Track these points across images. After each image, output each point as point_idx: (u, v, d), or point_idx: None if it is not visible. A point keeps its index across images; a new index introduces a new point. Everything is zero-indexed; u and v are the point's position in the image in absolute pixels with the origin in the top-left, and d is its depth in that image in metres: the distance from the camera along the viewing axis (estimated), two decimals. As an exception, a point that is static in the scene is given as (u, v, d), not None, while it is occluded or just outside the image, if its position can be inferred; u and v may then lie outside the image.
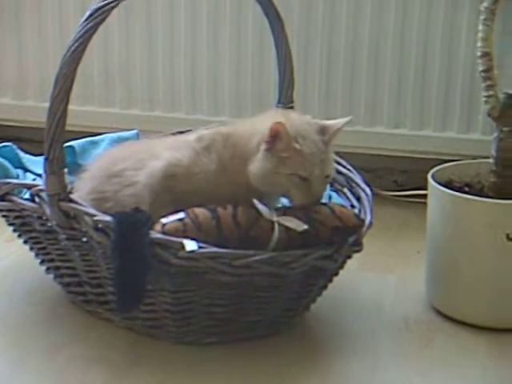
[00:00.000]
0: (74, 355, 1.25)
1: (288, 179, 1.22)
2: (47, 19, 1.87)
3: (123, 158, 1.31)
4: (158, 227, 1.20)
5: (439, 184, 1.36)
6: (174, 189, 1.25)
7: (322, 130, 1.27)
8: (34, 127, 1.81)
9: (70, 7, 1.86)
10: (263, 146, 1.22)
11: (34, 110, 1.88)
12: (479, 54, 1.35)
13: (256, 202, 1.23)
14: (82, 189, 1.31)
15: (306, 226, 1.21)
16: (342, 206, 1.30)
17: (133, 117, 1.87)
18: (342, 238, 1.24)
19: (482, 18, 1.36)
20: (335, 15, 1.76)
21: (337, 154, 1.47)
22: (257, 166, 1.23)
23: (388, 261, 1.57)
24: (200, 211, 1.22)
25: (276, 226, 1.21)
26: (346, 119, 1.29)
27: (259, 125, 1.26)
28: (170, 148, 1.28)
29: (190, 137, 1.30)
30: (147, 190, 1.25)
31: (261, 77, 1.81)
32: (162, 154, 1.28)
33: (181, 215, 1.21)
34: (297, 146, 1.21)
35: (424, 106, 1.77)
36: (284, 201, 1.32)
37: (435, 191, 1.36)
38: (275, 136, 1.21)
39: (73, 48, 1.16)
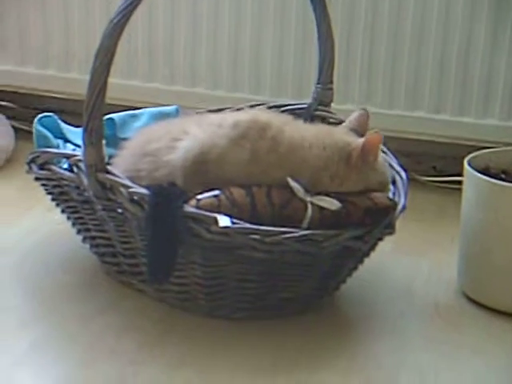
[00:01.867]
0: (107, 323, 1.28)
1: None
2: (94, -8, 1.90)
3: (158, 137, 1.32)
4: (193, 202, 1.21)
5: (476, 170, 1.35)
6: (205, 173, 1.25)
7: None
8: (78, 99, 1.83)
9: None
10: (358, 163, 1.26)
11: (78, 82, 1.90)
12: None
13: (290, 180, 1.24)
14: (118, 166, 1.32)
15: (339, 204, 1.22)
16: (375, 189, 1.31)
17: (174, 93, 1.89)
18: (375, 220, 1.25)
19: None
20: (379, -3, 1.75)
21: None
22: (355, 184, 1.27)
23: (422, 246, 1.57)
24: (235, 189, 1.23)
25: (309, 205, 1.22)
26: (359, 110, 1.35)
27: (316, 140, 1.28)
28: (205, 131, 1.28)
29: (227, 121, 1.28)
30: (180, 172, 1.26)
31: (302, 56, 1.81)
32: (196, 134, 1.28)
33: (216, 192, 1.23)
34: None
35: (466, 91, 1.76)
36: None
37: (471, 178, 1.35)
38: (370, 148, 1.26)
39: (114, 21, 1.17)
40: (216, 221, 1.18)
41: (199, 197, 1.22)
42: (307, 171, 1.25)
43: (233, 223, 1.18)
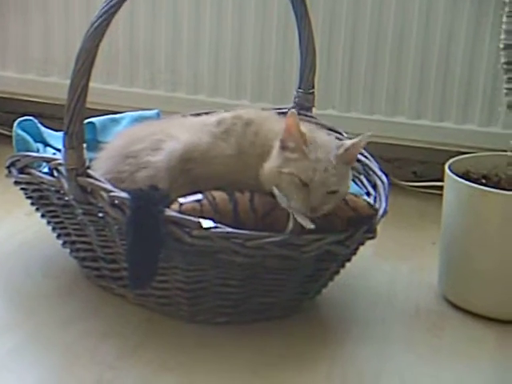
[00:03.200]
0: (87, 329, 1.27)
1: (290, 179, 1.20)
2: (74, -4, 1.89)
3: (140, 138, 1.31)
4: (175, 206, 1.21)
5: (456, 175, 1.36)
6: (190, 172, 1.25)
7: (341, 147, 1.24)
8: (57, 104, 1.83)
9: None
10: (278, 144, 1.22)
11: (57, 86, 1.90)
12: (502, 46, 1.35)
13: (275, 189, 1.23)
14: (99, 168, 1.31)
15: (312, 226, 1.18)
16: (356, 195, 1.30)
17: (155, 97, 1.89)
18: (357, 228, 1.24)
19: (506, 9, 1.35)
20: (360, 2, 1.76)
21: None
22: (268, 164, 1.22)
23: (402, 250, 1.58)
24: (218, 194, 1.23)
25: (292, 215, 1.22)
26: (366, 135, 1.23)
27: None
28: (188, 131, 1.28)
29: (210, 120, 1.30)
30: (165, 173, 1.26)
31: (283, 61, 1.82)
32: (179, 136, 1.28)
33: (199, 196, 1.22)
34: (304, 148, 1.20)
35: (446, 97, 1.77)
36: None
37: (452, 182, 1.36)
38: (290, 132, 1.20)
39: (96, 24, 1.17)
40: (199, 223, 1.18)
41: (182, 201, 1.22)
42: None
43: (215, 227, 1.18)
